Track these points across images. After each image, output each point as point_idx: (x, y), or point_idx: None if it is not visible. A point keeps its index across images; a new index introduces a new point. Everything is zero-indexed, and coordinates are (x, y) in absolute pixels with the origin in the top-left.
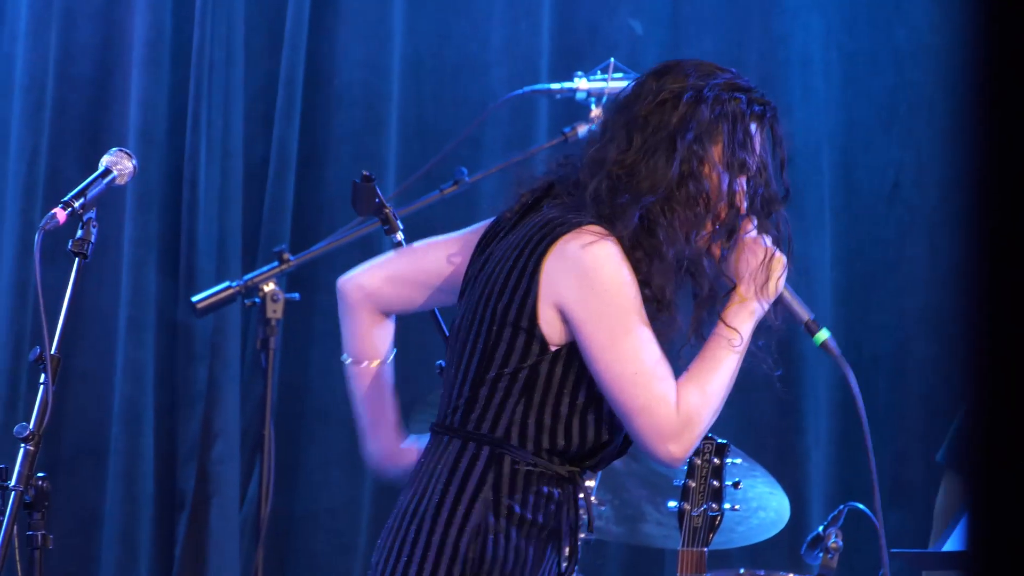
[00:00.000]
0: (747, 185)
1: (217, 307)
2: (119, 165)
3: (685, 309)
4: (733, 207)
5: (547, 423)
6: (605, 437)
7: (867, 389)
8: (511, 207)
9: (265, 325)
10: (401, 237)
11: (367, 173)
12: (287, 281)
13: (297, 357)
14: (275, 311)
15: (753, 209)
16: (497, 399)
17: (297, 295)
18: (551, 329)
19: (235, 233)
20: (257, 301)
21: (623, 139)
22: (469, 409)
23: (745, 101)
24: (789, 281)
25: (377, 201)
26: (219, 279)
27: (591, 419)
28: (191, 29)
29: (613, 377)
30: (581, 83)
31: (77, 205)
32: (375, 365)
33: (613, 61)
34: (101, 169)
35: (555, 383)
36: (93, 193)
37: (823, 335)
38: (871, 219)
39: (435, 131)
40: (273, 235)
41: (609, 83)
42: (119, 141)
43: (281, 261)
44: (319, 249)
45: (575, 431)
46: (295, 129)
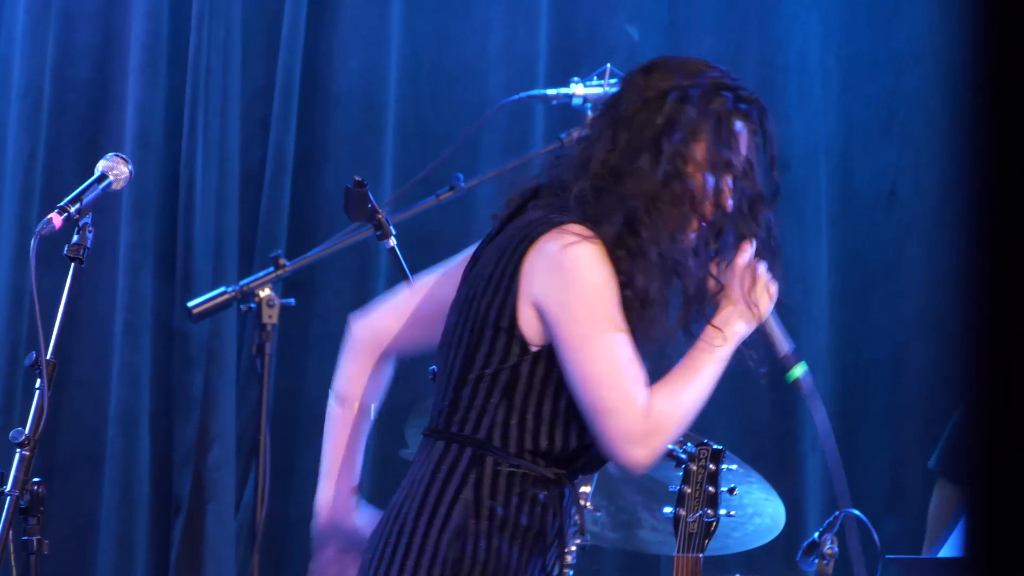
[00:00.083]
0: (733, 184)
1: (213, 312)
2: (115, 170)
3: (677, 309)
4: (719, 206)
5: (530, 424)
6: (589, 440)
7: (865, 393)
8: (501, 212)
9: (261, 330)
10: (394, 243)
11: (359, 179)
12: (283, 286)
13: (293, 362)
14: (271, 316)
15: (739, 208)
16: (479, 400)
17: (293, 300)
18: (530, 329)
19: (232, 236)
20: (253, 306)
21: (608, 139)
22: (453, 411)
23: (731, 99)
24: (784, 285)
25: (370, 207)
26: (215, 282)
27: (574, 421)
28: (188, 33)
29: (583, 377)
30: (577, 89)
31: (73, 210)
32: (356, 410)
33: (609, 67)
34: (97, 174)
35: (536, 384)
36: (89, 198)
37: (798, 371)
38: (869, 223)
39: (432, 135)
40: (270, 238)
41: (605, 89)
42: (116, 145)
43: (277, 266)
44: (315, 255)
45: (558, 433)
46: (292, 133)
